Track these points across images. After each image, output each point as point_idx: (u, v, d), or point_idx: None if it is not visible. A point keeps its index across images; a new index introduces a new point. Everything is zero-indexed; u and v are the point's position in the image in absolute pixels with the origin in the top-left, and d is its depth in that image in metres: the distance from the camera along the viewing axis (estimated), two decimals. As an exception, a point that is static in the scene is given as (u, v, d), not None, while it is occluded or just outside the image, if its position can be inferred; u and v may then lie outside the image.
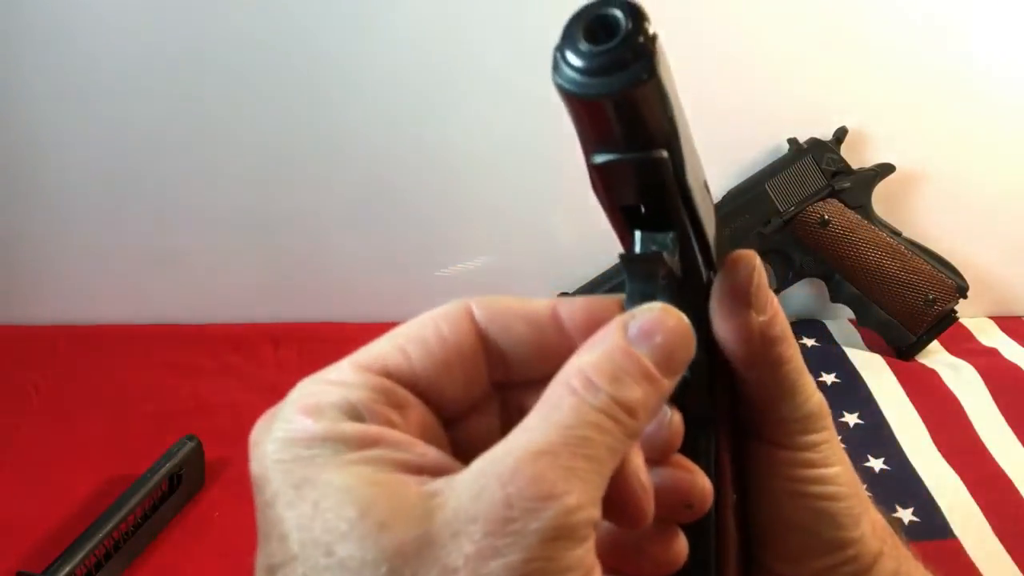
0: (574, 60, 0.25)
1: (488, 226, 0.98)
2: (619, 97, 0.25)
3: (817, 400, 0.34)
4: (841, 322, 1.03)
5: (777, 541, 0.35)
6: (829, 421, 0.35)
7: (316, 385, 0.26)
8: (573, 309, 0.29)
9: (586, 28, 0.25)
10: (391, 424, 0.26)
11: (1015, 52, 0.96)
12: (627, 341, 0.26)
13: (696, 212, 0.28)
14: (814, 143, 0.96)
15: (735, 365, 0.33)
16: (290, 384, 0.28)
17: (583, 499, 0.23)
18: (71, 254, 0.96)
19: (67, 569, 0.62)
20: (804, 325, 1.02)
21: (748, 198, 0.95)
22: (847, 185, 0.95)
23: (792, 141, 0.96)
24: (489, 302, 0.29)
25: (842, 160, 0.95)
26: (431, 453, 0.25)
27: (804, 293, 1.04)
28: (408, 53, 0.90)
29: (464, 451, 0.25)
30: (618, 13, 0.25)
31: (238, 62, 0.88)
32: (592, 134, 0.26)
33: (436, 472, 0.24)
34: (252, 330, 0.96)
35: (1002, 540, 0.74)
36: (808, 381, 0.34)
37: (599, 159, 0.27)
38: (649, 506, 0.27)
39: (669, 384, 0.27)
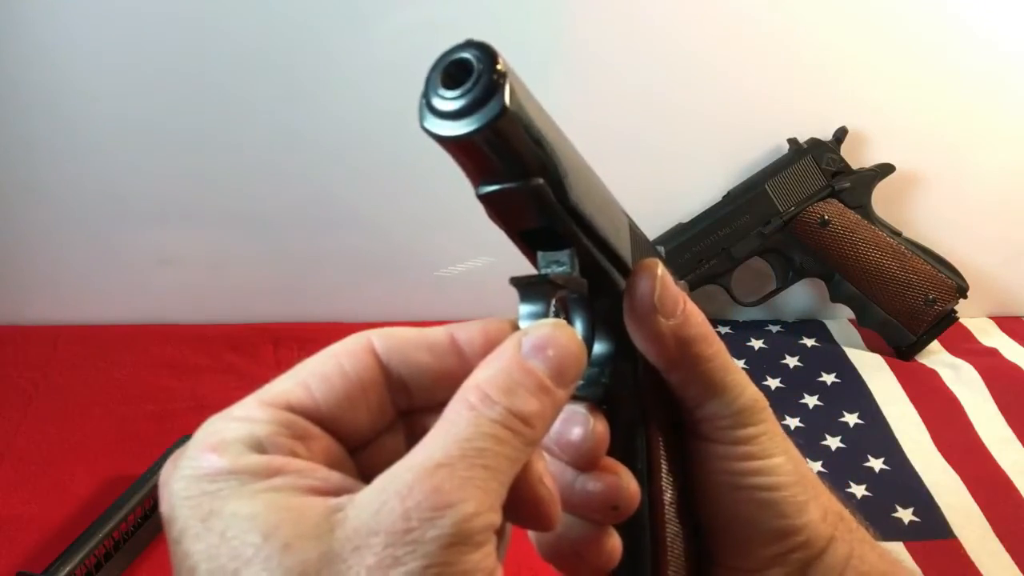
0: (436, 105, 0.26)
1: (487, 226, 0.98)
2: (483, 134, 0.26)
3: (750, 395, 0.35)
4: (841, 322, 1.03)
5: (724, 534, 0.36)
6: (767, 414, 0.36)
7: (221, 422, 0.27)
8: (470, 334, 0.30)
9: (443, 74, 0.26)
10: (294, 454, 0.26)
11: (1015, 52, 0.96)
12: (521, 356, 0.27)
13: (593, 228, 0.30)
14: (814, 143, 0.96)
15: (658, 368, 0.34)
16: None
17: (480, 506, 0.24)
18: (71, 254, 0.96)
19: (67, 569, 0.62)
20: (804, 325, 1.02)
21: (748, 198, 0.96)
22: (847, 185, 0.95)
23: (792, 141, 0.96)
24: (389, 334, 0.30)
25: (842, 160, 0.95)
26: (334, 477, 0.26)
27: (804, 293, 1.04)
28: (407, 52, 0.89)
29: (372, 476, 0.25)
30: (469, 56, 0.26)
31: (238, 63, 0.88)
32: (470, 169, 0.28)
33: (340, 493, 0.25)
34: (252, 330, 0.96)
35: (1002, 540, 0.74)
36: (738, 378, 0.35)
37: (482, 191, 0.28)
38: (555, 509, 0.29)
39: (563, 394, 0.28)
